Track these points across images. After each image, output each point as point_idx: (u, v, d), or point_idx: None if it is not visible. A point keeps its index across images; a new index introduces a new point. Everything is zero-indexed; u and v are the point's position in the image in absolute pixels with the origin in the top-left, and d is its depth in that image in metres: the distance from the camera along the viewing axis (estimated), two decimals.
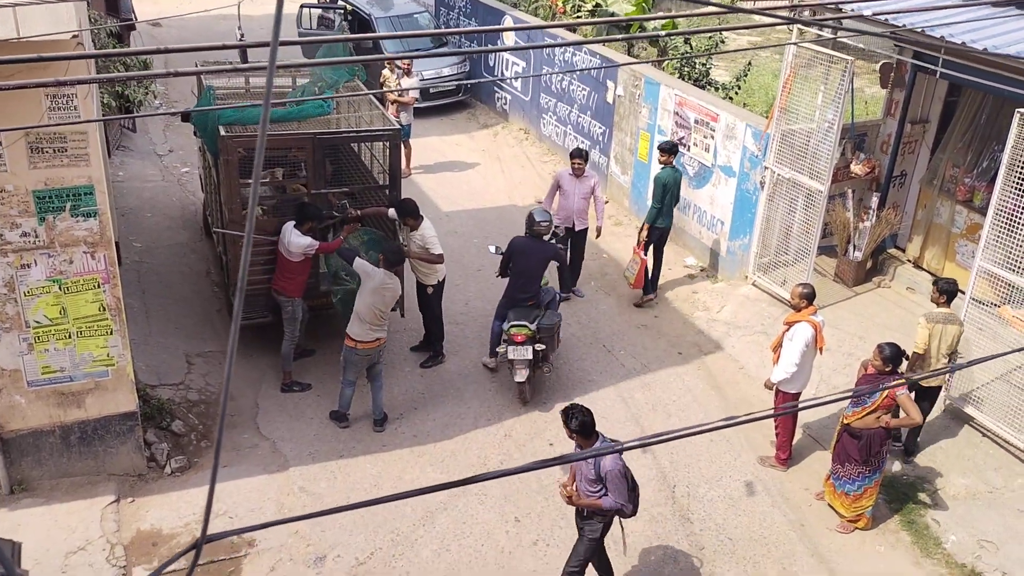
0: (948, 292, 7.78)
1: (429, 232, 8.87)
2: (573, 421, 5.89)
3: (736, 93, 13.78)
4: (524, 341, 8.46)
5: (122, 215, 11.71)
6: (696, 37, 14.55)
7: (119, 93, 13.07)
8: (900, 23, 8.43)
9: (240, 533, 2.08)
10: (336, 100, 9.88)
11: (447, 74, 16.67)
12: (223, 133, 8.36)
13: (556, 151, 14.70)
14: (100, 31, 11.78)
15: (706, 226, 11.38)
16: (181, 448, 8.06)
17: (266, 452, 8.12)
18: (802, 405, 7.23)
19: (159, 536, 7.13)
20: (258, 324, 9.02)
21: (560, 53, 14.13)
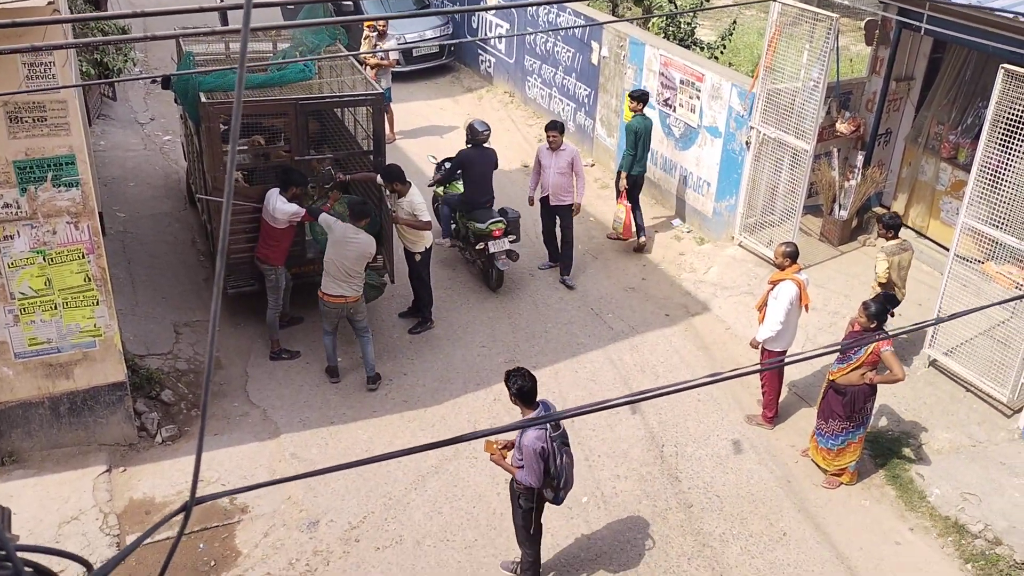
0: (894, 226, 8.38)
1: (417, 198, 8.84)
2: (513, 385, 5.75)
3: (721, 53, 13.70)
4: (501, 235, 9.66)
5: (105, 185, 11.60)
6: None
7: (98, 61, 12.87)
8: None
9: (229, 495, 2.10)
10: (318, 65, 9.76)
11: (430, 36, 16.49)
12: (204, 100, 8.28)
13: (541, 114, 14.61)
14: None
15: (692, 188, 11.37)
16: (171, 417, 8.07)
17: (257, 420, 8.15)
18: (788, 360, 7.29)
19: (152, 504, 7.17)
20: (245, 293, 9.00)
21: (544, 14, 13.99)
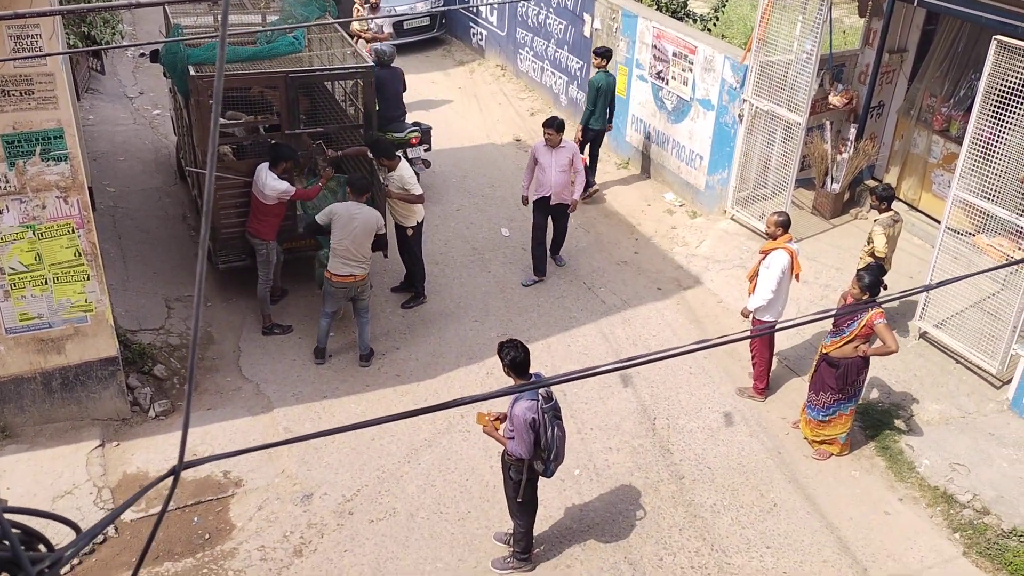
0: (887, 198, 8.41)
1: (407, 172, 8.80)
2: (506, 356, 5.73)
3: (714, 25, 13.62)
4: (418, 143, 11.02)
5: (94, 159, 11.52)
6: None
7: (85, 35, 12.73)
8: None
9: (218, 459, 2.10)
10: (308, 38, 9.68)
11: (420, 9, 16.35)
12: (192, 73, 8.20)
13: (533, 87, 14.53)
14: None
15: (685, 161, 11.34)
16: (164, 392, 8.08)
17: (249, 394, 8.15)
18: (779, 327, 7.32)
19: (146, 478, 7.19)
20: (236, 267, 8.98)
21: None
